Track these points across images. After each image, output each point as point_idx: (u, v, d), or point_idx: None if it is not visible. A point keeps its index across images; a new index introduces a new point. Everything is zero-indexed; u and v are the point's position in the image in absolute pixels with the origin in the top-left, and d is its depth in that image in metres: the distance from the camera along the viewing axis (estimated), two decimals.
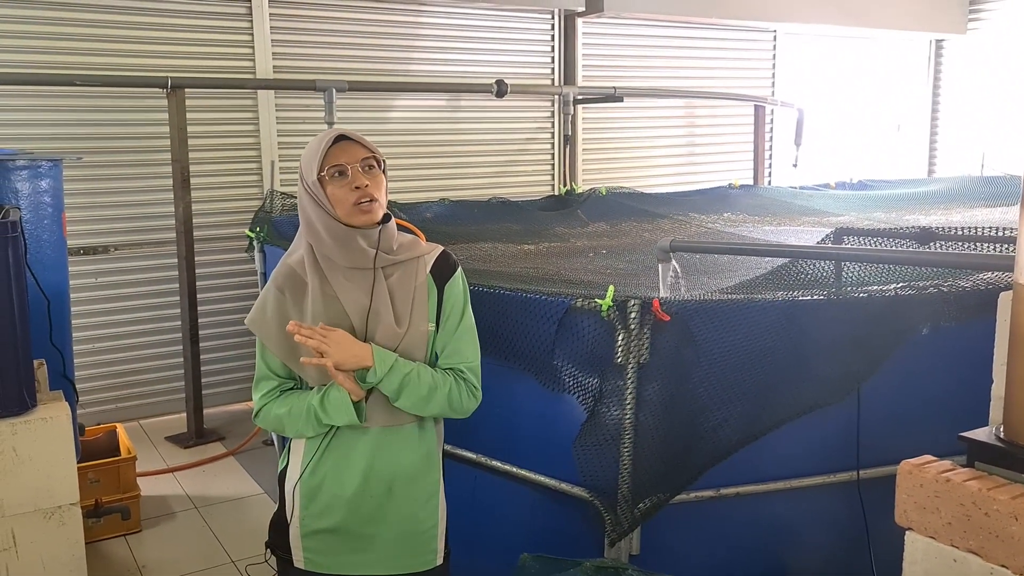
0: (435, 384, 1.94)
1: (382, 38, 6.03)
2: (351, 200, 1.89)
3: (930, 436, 2.10)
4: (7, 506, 2.49)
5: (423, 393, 1.92)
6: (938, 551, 1.54)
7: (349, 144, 1.92)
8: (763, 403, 2.53)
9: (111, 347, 5.37)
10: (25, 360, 2.51)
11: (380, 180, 1.94)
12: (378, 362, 1.87)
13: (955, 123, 8.65)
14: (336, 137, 1.92)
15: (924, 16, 8.12)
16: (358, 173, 1.89)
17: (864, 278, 2.82)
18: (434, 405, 1.95)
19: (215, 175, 5.53)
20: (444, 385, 1.96)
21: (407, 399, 1.92)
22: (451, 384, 1.97)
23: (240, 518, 4.10)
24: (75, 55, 5.05)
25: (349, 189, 1.89)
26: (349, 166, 1.89)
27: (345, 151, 1.91)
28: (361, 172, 1.90)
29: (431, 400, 1.94)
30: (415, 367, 1.93)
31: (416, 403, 1.93)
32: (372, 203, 1.90)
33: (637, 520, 2.52)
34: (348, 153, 1.90)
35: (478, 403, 2.04)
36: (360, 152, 1.91)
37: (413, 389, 1.91)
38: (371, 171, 1.92)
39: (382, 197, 1.94)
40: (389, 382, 1.89)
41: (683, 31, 7.31)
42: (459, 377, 2.00)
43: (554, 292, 2.69)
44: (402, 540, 2.02)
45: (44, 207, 3.25)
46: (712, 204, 5.83)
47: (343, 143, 1.92)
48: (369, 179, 1.90)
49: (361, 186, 1.89)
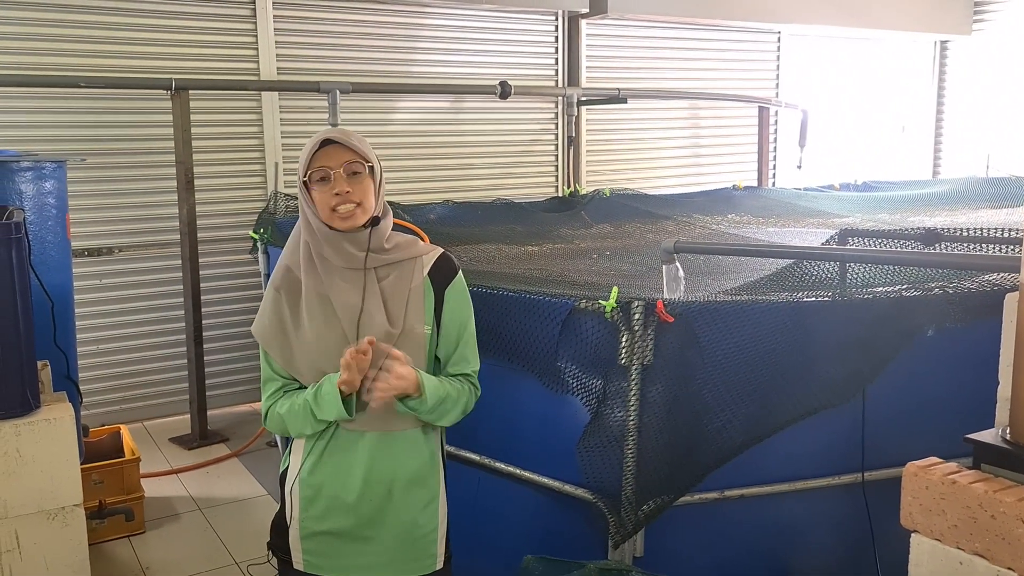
0: (458, 398, 1.99)
1: (386, 40, 6.03)
2: (331, 204, 1.89)
3: (936, 438, 2.09)
4: (10, 507, 2.49)
5: (449, 408, 1.98)
6: (944, 553, 1.53)
7: (335, 148, 1.91)
8: (767, 405, 2.52)
9: (115, 348, 5.37)
10: (29, 361, 2.51)
11: (366, 185, 1.91)
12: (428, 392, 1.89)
13: (960, 124, 8.63)
14: (324, 141, 1.91)
15: (929, 17, 8.10)
16: (340, 178, 1.88)
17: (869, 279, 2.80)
18: (455, 415, 2.01)
19: (219, 176, 5.54)
20: (463, 396, 2.01)
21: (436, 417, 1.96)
22: (467, 393, 2.03)
23: (243, 519, 4.10)
24: (80, 57, 5.06)
25: (330, 194, 1.88)
26: (331, 171, 1.88)
27: (329, 155, 1.90)
28: (344, 177, 1.89)
29: (454, 411, 2.00)
30: (447, 389, 1.96)
31: (440, 417, 1.98)
32: (353, 208, 1.89)
33: (641, 522, 2.51)
34: (332, 157, 1.90)
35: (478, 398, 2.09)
36: (344, 156, 1.90)
37: (446, 408, 1.96)
38: (355, 176, 1.90)
39: (367, 201, 1.91)
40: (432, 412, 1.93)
41: (687, 32, 7.31)
42: (469, 383, 2.04)
43: (558, 293, 2.69)
44: (401, 544, 2.02)
45: (48, 208, 3.25)
46: (716, 205, 5.82)
47: (330, 147, 1.91)
48: (352, 184, 1.89)
49: (340, 192, 1.88)
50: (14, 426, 2.48)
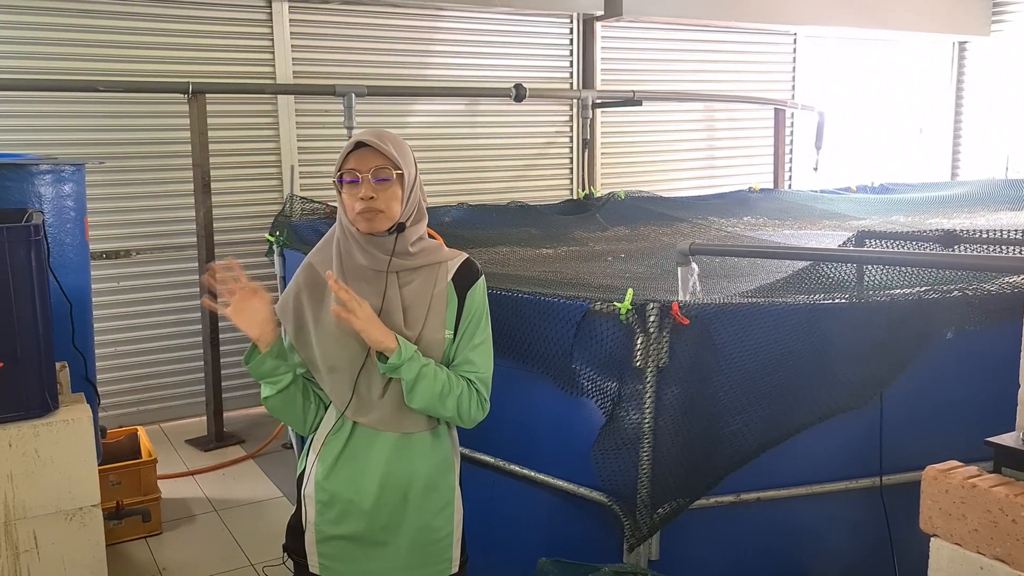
0: (450, 384, 1.94)
1: (401, 43, 6.05)
2: (356, 208, 1.90)
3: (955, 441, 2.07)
4: (29, 507, 2.51)
5: (437, 390, 1.92)
6: (964, 558, 1.52)
7: (367, 152, 1.92)
8: (784, 408, 2.50)
9: (133, 350, 5.42)
10: (47, 363, 2.53)
11: (392, 192, 1.92)
12: (402, 344, 1.89)
13: (979, 125, 8.56)
14: (357, 143, 1.93)
15: (947, 18, 8.04)
16: (367, 183, 1.90)
17: (887, 282, 2.78)
18: (446, 406, 1.94)
19: (235, 180, 5.57)
20: (457, 388, 1.95)
21: (421, 393, 1.91)
22: (464, 389, 1.97)
23: (259, 521, 4.11)
24: (98, 62, 5.11)
25: (356, 197, 1.90)
26: (360, 174, 1.90)
27: (361, 158, 1.91)
28: (371, 182, 1.90)
29: (444, 400, 1.93)
30: (432, 363, 1.93)
31: (429, 400, 1.92)
32: (376, 214, 1.90)
33: (656, 525, 2.50)
34: (362, 161, 1.91)
35: (484, 415, 2.03)
36: (374, 161, 1.90)
37: (428, 384, 1.90)
38: (383, 182, 1.91)
39: (392, 208, 1.92)
40: (408, 369, 1.88)
41: (702, 34, 7.29)
42: (470, 386, 1.99)
43: (572, 295, 2.68)
44: (416, 548, 2.02)
45: (67, 211, 3.27)
46: (732, 208, 5.80)
47: (362, 150, 1.92)
48: (377, 190, 1.90)
49: (364, 197, 1.89)
50: (33, 427, 2.50)
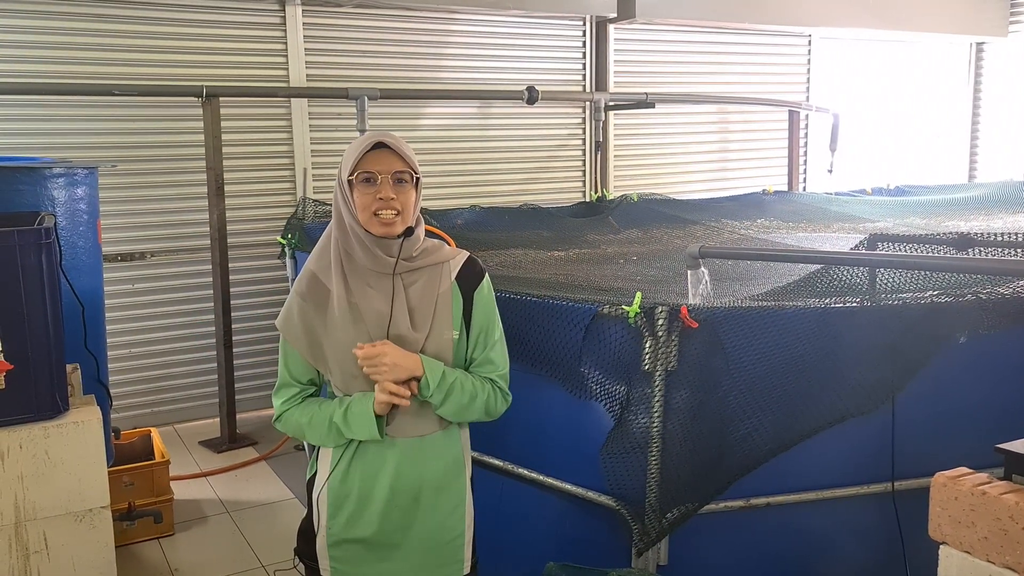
0: (475, 391, 1.98)
1: (414, 46, 6.06)
2: (372, 208, 1.88)
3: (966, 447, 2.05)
4: (39, 509, 2.52)
5: (464, 401, 1.96)
6: (973, 566, 1.50)
7: (386, 153, 1.90)
8: (794, 412, 2.48)
9: (146, 352, 5.45)
10: (58, 364, 2.54)
11: (408, 195, 1.91)
12: (429, 371, 1.90)
13: (997, 127, 8.47)
14: (376, 143, 1.91)
15: (964, 19, 7.97)
16: (386, 184, 1.88)
17: (899, 285, 2.75)
18: (473, 411, 1.99)
19: (249, 182, 5.60)
20: (483, 392, 1.99)
21: (450, 406, 1.95)
22: (488, 391, 2.01)
23: (271, 523, 4.12)
24: (113, 66, 5.14)
25: (373, 198, 1.88)
26: (379, 175, 1.88)
27: (379, 159, 1.89)
28: (390, 184, 1.88)
29: (471, 407, 1.98)
30: (458, 374, 1.96)
31: (458, 410, 1.97)
32: (393, 216, 1.89)
33: (665, 530, 2.49)
34: (382, 162, 1.89)
35: (508, 406, 2.08)
36: (394, 164, 1.89)
37: (457, 396, 1.94)
38: (401, 185, 1.90)
39: (408, 212, 1.92)
40: (437, 394, 1.92)
41: (715, 36, 7.26)
42: (493, 385, 2.03)
43: (581, 298, 2.67)
44: (429, 550, 2.02)
45: (80, 214, 3.30)
46: (745, 210, 5.77)
47: (380, 151, 1.90)
48: (396, 192, 1.88)
49: (385, 197, 1.87)
50: (43, 428, 2.52)
